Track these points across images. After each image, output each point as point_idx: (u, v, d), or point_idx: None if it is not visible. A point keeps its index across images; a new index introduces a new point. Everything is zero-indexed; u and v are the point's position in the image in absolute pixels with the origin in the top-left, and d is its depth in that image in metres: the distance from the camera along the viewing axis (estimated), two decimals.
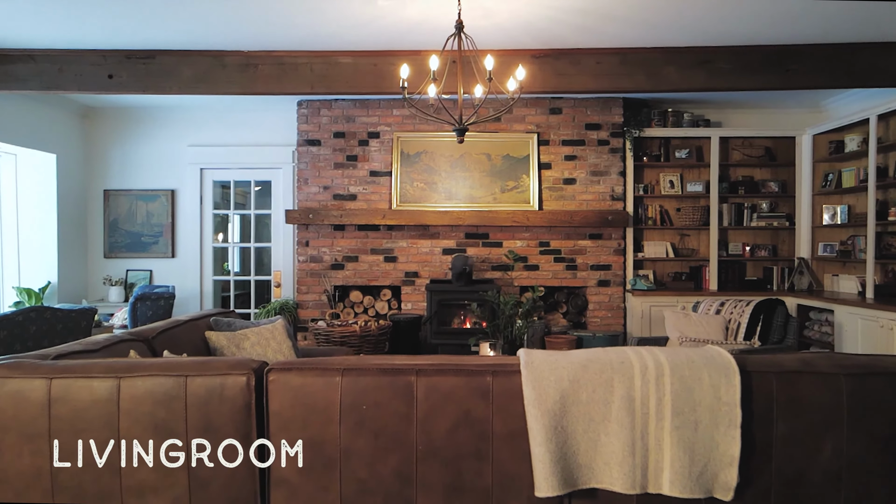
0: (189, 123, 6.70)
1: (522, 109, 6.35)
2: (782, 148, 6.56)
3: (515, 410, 2.07)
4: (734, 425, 2.02)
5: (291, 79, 4.67)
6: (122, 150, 6.72)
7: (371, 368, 2.12)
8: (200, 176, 6.73)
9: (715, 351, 2.14)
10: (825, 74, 4.54)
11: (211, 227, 6.76)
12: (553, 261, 6.36)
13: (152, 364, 2.13)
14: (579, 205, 6.34)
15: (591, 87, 4.67)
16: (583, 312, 6.44)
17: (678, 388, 2.04)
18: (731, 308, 4.66)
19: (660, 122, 6.42)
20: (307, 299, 6.39)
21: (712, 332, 4.55)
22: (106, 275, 6.62)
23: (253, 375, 2.09)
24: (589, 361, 2.10)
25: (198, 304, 6.68)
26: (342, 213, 6.20)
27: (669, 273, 6.62)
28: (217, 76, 4.67)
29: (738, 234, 6.65)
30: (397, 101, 6.33)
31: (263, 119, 6.66)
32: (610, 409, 2.04)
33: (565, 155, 6.35)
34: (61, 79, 4.63)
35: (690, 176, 6.63)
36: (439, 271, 6.33)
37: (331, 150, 6.39)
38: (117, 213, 6.71)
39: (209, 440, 2.06)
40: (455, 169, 6.33)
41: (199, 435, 2.06)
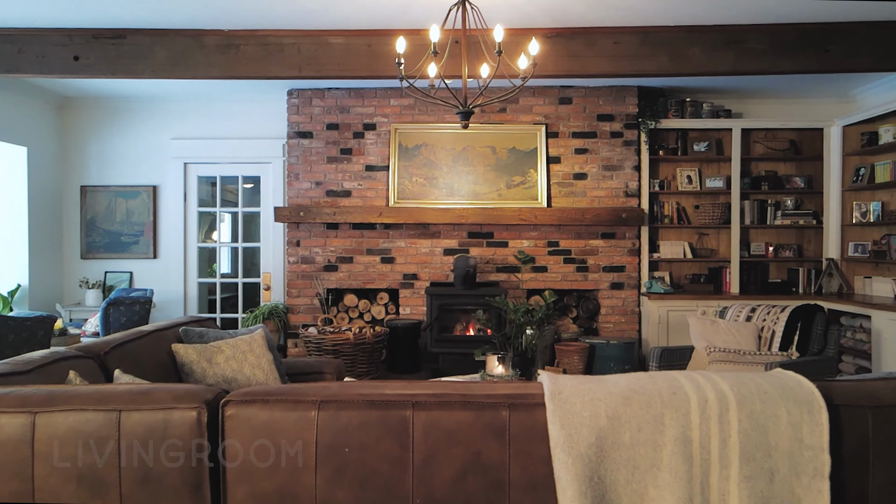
0: (172, 115, 6.25)
1: (530, 99, 5.91)
2: (808, 140, 6.11)
3: (539, 454, 1.63)
4: (821, 475, 1.57)
5: (277, 61, 4.23)
6: (101, 143, 6.27)
7: (356, 400, 1.67)
8: (184, 171, 6.29)
9: (792, 379, 1.69)
10: (869, 56, 4.09)
11: (196, 225, 6.31)
12: (562, 262, 5.91)
13: (78, 395, 1.69)
14: (591, 202, 5.90)
15: (608, 69, 4.23)
16: (594, 317, 5.99)
17: (748, 427, 1.59)
18: (763, 314, 4.21)
19: (677, 113, 5.97)
20: (298, 303, 5.95)
21: (743, 342, 4.10)
22: (83, 277, 6.17)
23: (205, 410, 1.65)
24: (632, 392, 1.65)
25: (181, 309, 6.23)
26: (336, 210, 5.76)
27: (687, 275, 6.17)
28: (195, 58, 4.22)
29: (760, 234, 6.20)
30: (395, 90, 5.89)
31: (252, 110, 6.22)
32: (660, 453, 1.59)
33: (576, 148, 5.90)
34: (21, 61, 4.19)
35: (710, 171, 6.18)
36: (440, 273, 5.89)
37: (323, 143, 5.95)
38: (95, 210, 6.26)
39: (148, 494, 1.62)
40: (457, 163, 5.89)
41: (135, 486, 1.62)
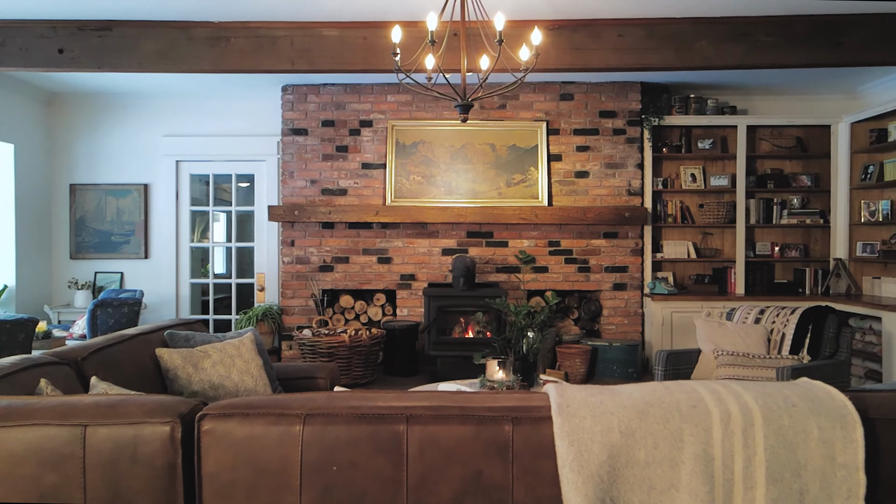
0: (164, 111, 6.10)
1: (530, 95, 5.76)
2: (815, 138, 5.97)
3: (545, 472, 1.48)
4: (855, 496, 1.43)
5: (269, 54, 4.08)
6: (90, 140, 6.12)
7: (344, 413, 1.53)
8: (176, 169, 6.13)
9: (822, 390, 1.55)
10: (882, 48, 3.95)
11: (188, 225, 6.16)
12: (564, 262, 5.77)
13: (39, 408, 1.54)
14: (592, 200, 5.75)
15: (613, 63, 4.08)
16: (596, 319, 5.85)
17: (775, 443, 1.45)
18: (772, 316, 4.07)
19: (681, 110, 5.82)
20: (293, 304, 5.80)
21: (752, 345, 3.96)
22: (72, 277, 6.02)
23: (179, 424, 1.50)
24: (648, 405, 1.50)
25: (173, 311, 6.08)
26: (331, 209, 5.61)
27: (691, 275, 6.03)
28: (183, 51, 4.07)
29: (766, 233, 6.06)
30: (392, 86, 5.74)
31: (246, 106, 6.07)
32: (679, 473, 1.45)
33: (577, 145, 5.76)
34: (3, 54, 4.03)
35: (714, 169, 6.04)
36: (438, 274, 5.74)
37: (319, 140, 5.80)
38: (85, 209, 6.11)
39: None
40: (456, 161, 5.74)
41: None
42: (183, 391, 2.80)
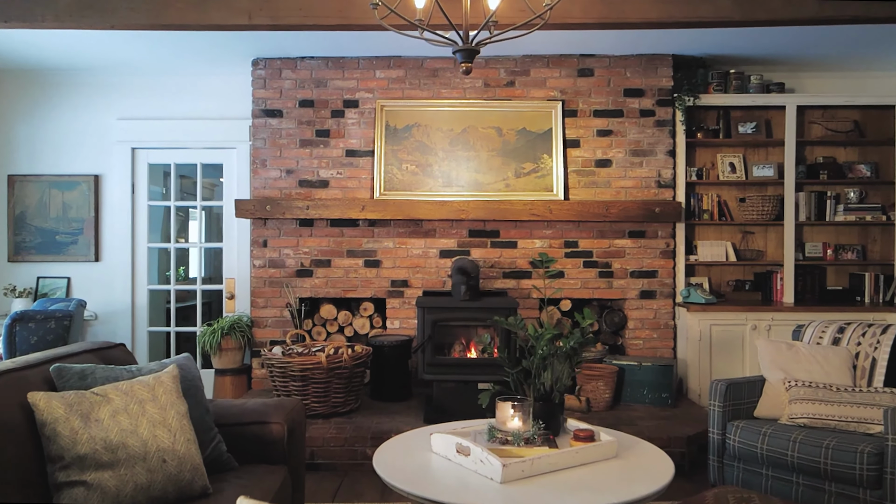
0: (117, 90, 5.26)
1: (543, 70, 4.92)
2: (874, 121, 5.13)
3: None
4: None
5: (220, 4, 3.24)
6: (31, 124, 5.26)
7: None
8: (132, 157, 5.29)
9: None
10: None
11: (146, 222, 5.31)
12: (582, 266, 4.93)
13: None
14: (616, 193, 4.92)
15: (653, 15, 3.24)
16: (620, 332, 5.01)
17: None
18: (856, 336, 3.22)
19: (719, 87, 4.98)
20: (265, 315, 4.95)
21: (833, 373, 3.11)
22: (9, 283, 5.18)
23: None
24: None
25: (128, 322, 5.24)
26: (310, 203, 4.77)
27: (729, 281, 5.19)
28: (111, 1, 3.23)
29: (817, 232, 5.22)
30: (382, 60, 4.91)
31: (211, 85, 5.23)
32: None
33: (598, 129, 4.92)
34: None
35: (756, 157, 5.20)
36: (436, 280, 4.90)
37: (295, 124, 4.96)
38: (25, 204, 5.26)
39: None
40: (456, 147, 4.90)
41: None
42: (63, 455, 1.95)
